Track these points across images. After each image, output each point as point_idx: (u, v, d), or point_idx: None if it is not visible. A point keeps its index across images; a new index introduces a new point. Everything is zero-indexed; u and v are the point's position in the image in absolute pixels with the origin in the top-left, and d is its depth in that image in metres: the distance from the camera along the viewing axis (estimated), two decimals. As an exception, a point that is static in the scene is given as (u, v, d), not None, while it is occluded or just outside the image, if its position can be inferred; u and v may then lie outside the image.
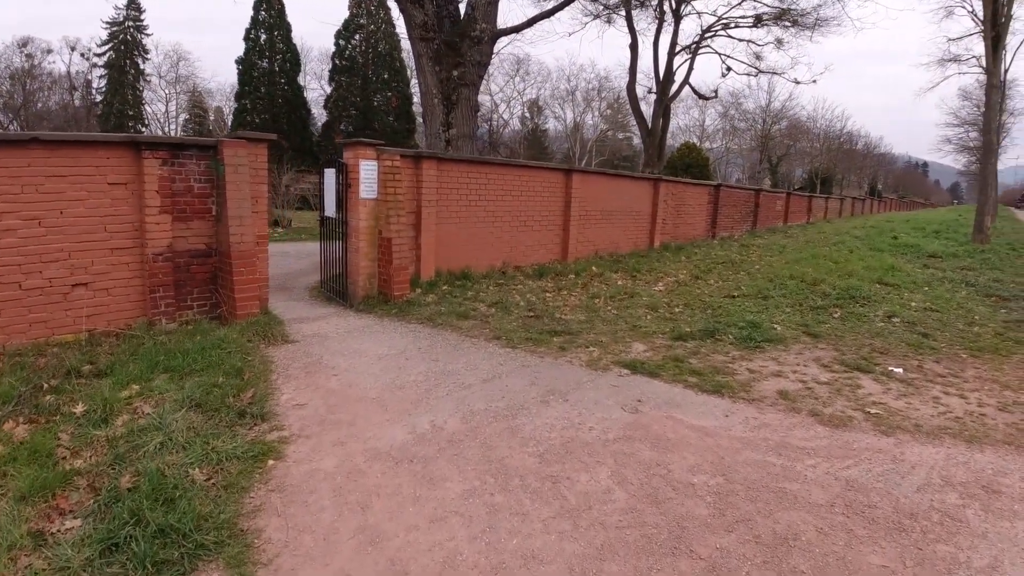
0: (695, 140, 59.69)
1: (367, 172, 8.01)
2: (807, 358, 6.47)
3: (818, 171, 60.86)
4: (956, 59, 34.97)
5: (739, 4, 27.98)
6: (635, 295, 9.07)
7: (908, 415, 4.89)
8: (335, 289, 8.58)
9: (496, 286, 9.27)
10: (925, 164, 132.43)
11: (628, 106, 66.70)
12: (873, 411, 4.96)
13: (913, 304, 9.19)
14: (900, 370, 6.08)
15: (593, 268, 11.05)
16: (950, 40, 32.03)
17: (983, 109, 33.36)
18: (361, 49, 44.49)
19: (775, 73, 29.08)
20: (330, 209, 8.68)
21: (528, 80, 63.55)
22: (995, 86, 16.65)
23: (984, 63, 34.25)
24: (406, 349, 6.27)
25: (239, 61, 41.05)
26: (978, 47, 34.95)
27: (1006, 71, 25.53)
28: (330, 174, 8.58)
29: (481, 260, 9.92)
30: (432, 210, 8.85)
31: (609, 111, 66.14)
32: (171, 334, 6.07)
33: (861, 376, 5.87)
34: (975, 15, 25.81)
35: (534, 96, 64.07)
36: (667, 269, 11.74)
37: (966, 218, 31.70)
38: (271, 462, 3.74)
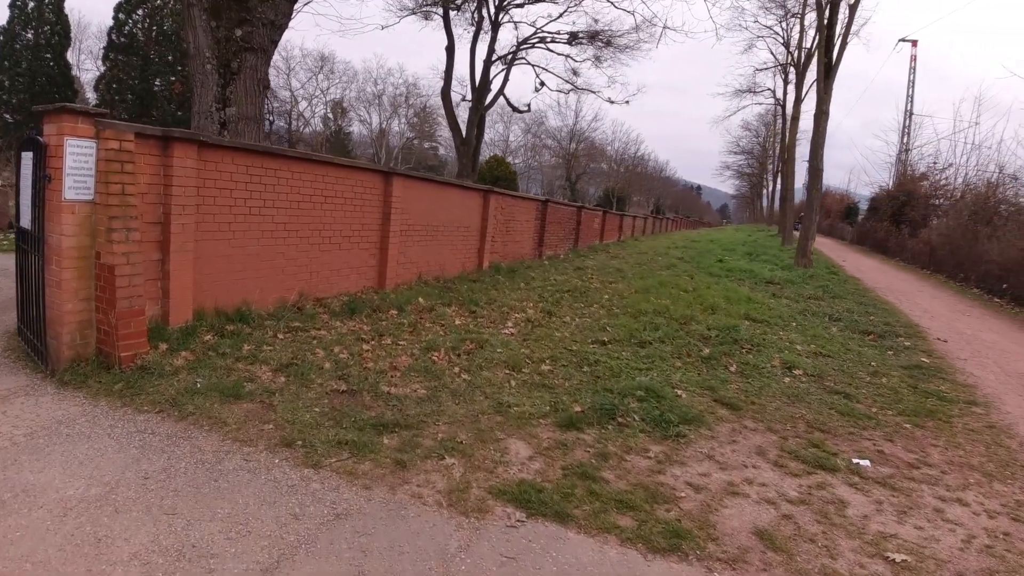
0: (499, 154, 59.37)
1: (78, 157, 4.92)
2: (747, 450, 4.82)
3: (613, 190, 63.45)
4: (751, 90, 37.64)
5: (557, 19, 27.29)
6: (484, 344, 6.77)
7: (937, 555, 3.49)
8: (33, 343, 5.33)
9: (288, 333, 6.46)
10: (699, 187, 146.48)
11: (435, 116, 65.25)
12: (896, 557, 3.41)
13: (799, 348, 8.17)
14: (866, 462, 4.77)
15: (420, 300, 8.59)
16: (757, 70, 34.07)
17: (783, 135, 35.99)
18: (143, 26, 38.26)
19: (591, 91, 28.87)
20: (27, 217, 5.42)
21: (333, 79, 59.28)
22: (824, 112, 16.84)
23: (777, 95, 37.08)
24: (121, 482, 3.43)
25: (1, 31, 33.42)
26: (777, 81, 37.93)
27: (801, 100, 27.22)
28: (28, 160, 5.34)
29: (267, 292, 7.05)
30: (190, 219, 5.87)
31: (416, 119, 64.01)
32: None
33: (830, 479, 4.38)
34: (790, 48, 27.40)
35: (339, 96, 59.95)
36: (508, 300, 9.62)
37: (754, 238, 33.79)
38: None
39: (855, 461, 4.76)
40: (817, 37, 16.57)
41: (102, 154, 5.01)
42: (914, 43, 40.43)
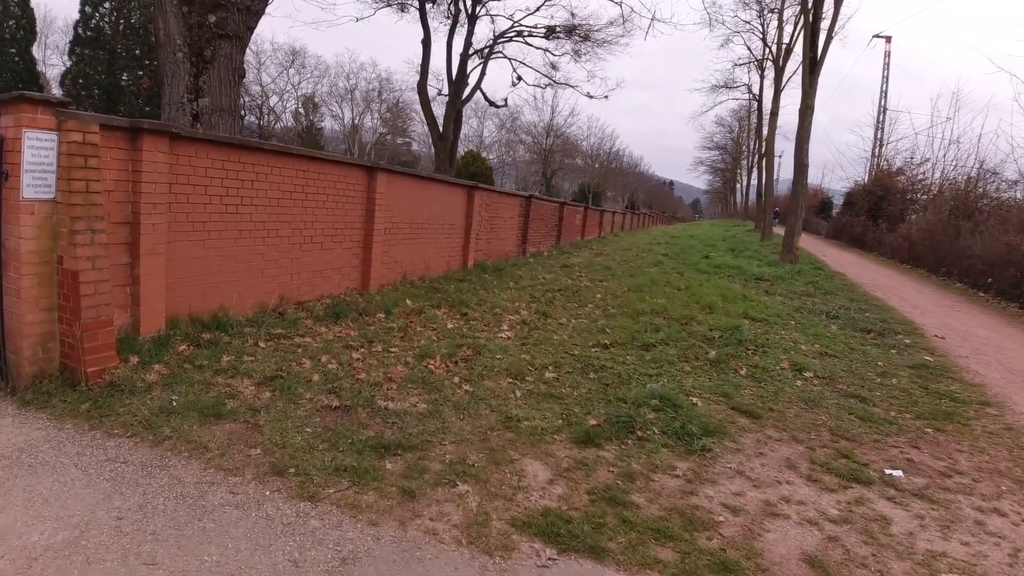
0: (474, 149, 58.82)
1: (37, 152, 4.41)
2: (777, 464, 4.52)
3: (589, 185, 63.27)
4: (727, 86, 37.61)
5: (534, 12, 26.83)
6: (481, 349, 6.36)
7: (988, 572, 3.31)
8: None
9: (270, 341, 5.99)
10: (671, 182, 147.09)
11: (408, 111, 64.52)
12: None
13: (804, 348, 7.93)
14: (899, 473, 4.53)
15: (408, 302, 8.15)
16: (736, 65, 33.99)
17: (759, 131, 35.89)
18: (111, 19, 36.93)
19: (569, 85, 28.39)
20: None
21: (304, 73, 58.08)
22: (809, 107, 16.65)
23: (756, 90, 37.06)
24: (92, 524, 2.97)
25: (-35, 26, 32.06)
26: (753, 76, 37.92)
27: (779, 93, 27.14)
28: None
29: (245, 296, 6.55)
30: (161, 219, 5.36)
31: (389, 114, 63.07)
32: None
33: (867, 494, 4.13)
34: (768, 43, 27.28)
35: (310, 91, 58.80)
36: (500, 301, 9.21)
37: (732, 233, 33.76)
38: None
39: (888, 472, 4.52)
40: (802, 32, 16.36)
41: (64, 148, 4.50)
42: (888, 39, 40.77)
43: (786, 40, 27.02)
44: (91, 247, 4.59)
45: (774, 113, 26.62)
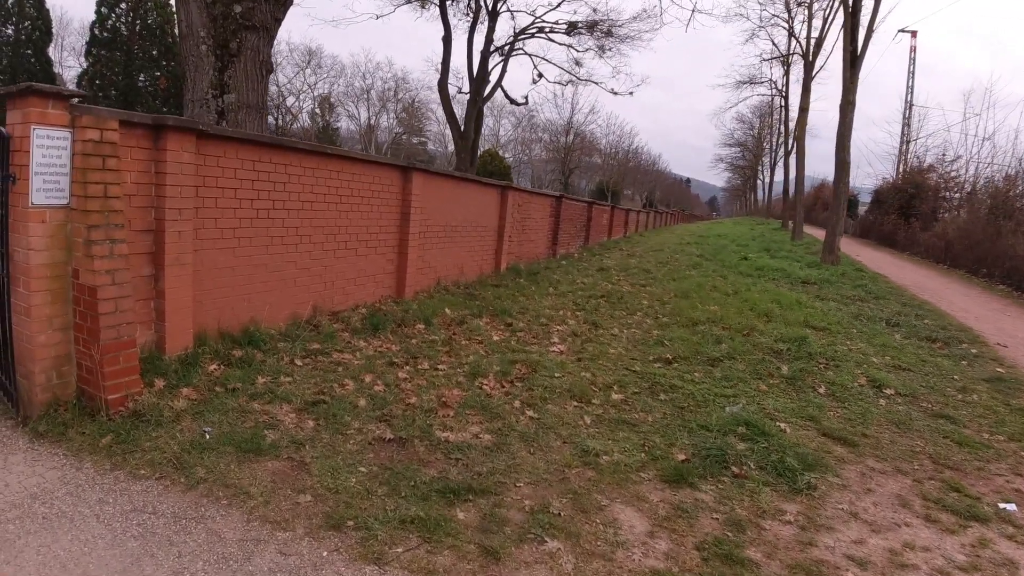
0: (491, 148, 58.26)
1: (48, 152, 3.90)
2: (889, 502, 3.97)
3: (608, 184, 62.54)
4: (752, 81, 36.83)
5: (556, 7, 26.22)
6: (536, 366, 5.80)
7: None
8: (1, 382, 4.31)
9: (307, 358, 5.45)
10: (688, 180, 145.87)
11: (424, 110, 64.11)
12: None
13: (875, 361, 7.34)
14: (1012, 507, 4.04)
15: (447, 311, 7.60)
16: (763, 60, 33.22)
17: (784, 127, 35.02)
18: (127, 20, 36.80)
19: (593, 82, 27.74)
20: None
21: (320, 73, 57.81)
22: (851, 103, 15.92)
23: (780, 85, 36.18)
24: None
25: (-20, 27, 32.14)
26: (778, 71, 37.05)
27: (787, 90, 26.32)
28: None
29: (278, 307, 6.03)
30: (188, 226, 4.84)
31: (404, 114, 62.69)
32: None
33: (988, 533, 3.65)
34: (798, 38, 26.48)
35: (326, 92, 58.51)
36: (542, 309, 8.64)
37: (759, 231, 32.94)
38: None
39: (1001, 506, 4.01)
40: (829, 26, 15.83)
41: (79, 147, 3.99)
42: (913, 34, 39.70)
43: (815, 34, 26.22)
44: (110, 259, 4.07)
45: (803, 109, 25.76)
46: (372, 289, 7.64)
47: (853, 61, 15.69)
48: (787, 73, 34.77)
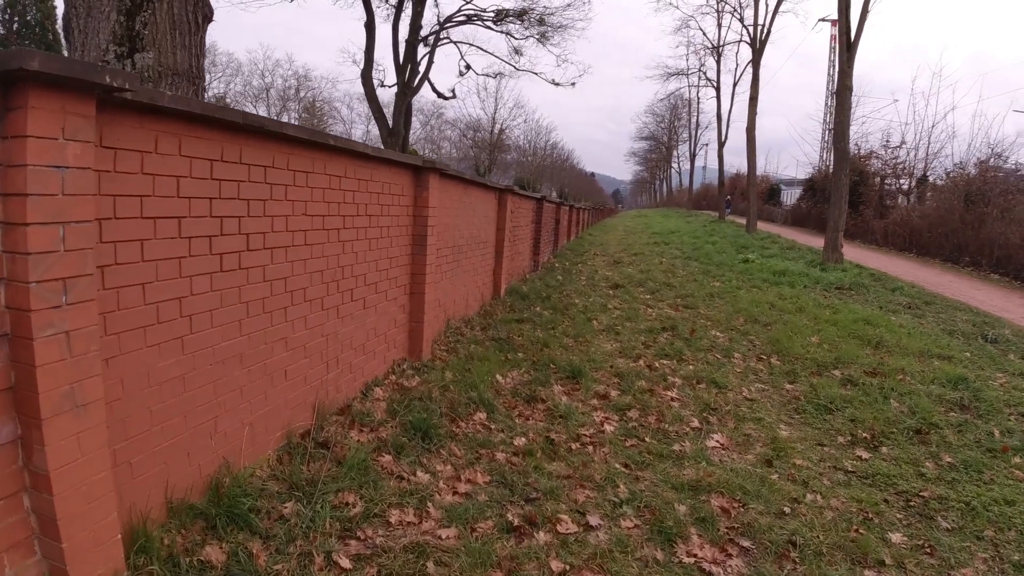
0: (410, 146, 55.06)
1: None
2: None
3: (529, 180, 60.67)
4: (679, 73, 35.78)
5: (480, -5, 23.78)
6: (733, 490, 3.36)
7: None
8: None
9: (337, 530, 2.79)
10: (593, 174, 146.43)
11: (329, 108, 59.87)
12: None
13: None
14: None
15: (499, 378, 5.00)
16: (693, 51, 31.83)
17: (718, 117, 33.97)
18: (4, 18, 32.07)
19: (534, 72, 25.52)
20: None
21: (215, 72, 52.61)
22: (848, 87, 14.31)
23: (711, 76, 34.95)
24: None
25: None
26: (709, 62, 35.81)
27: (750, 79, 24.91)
28: None
29: (264, 426, 3.29)
30: (80, 316, 2.11)
31: (306, 114, 58.23)
32: None
33: None
34: (745, 23, 24.84)
35: (222, 92, 53.42)
36: (611, 358, 6.17)
37: (698, 224, 31.51)
38: None
39: None
40: (838, 7, 14.10)
41: None
42: (834, 23, 39.74)
43: (763, 21, 24.91)
44: None
45: (753, 98, 24.36)
46: (384, 354, 4.96)
47: (849, 45, 14.15)
48: (718, 62, 33.69)
